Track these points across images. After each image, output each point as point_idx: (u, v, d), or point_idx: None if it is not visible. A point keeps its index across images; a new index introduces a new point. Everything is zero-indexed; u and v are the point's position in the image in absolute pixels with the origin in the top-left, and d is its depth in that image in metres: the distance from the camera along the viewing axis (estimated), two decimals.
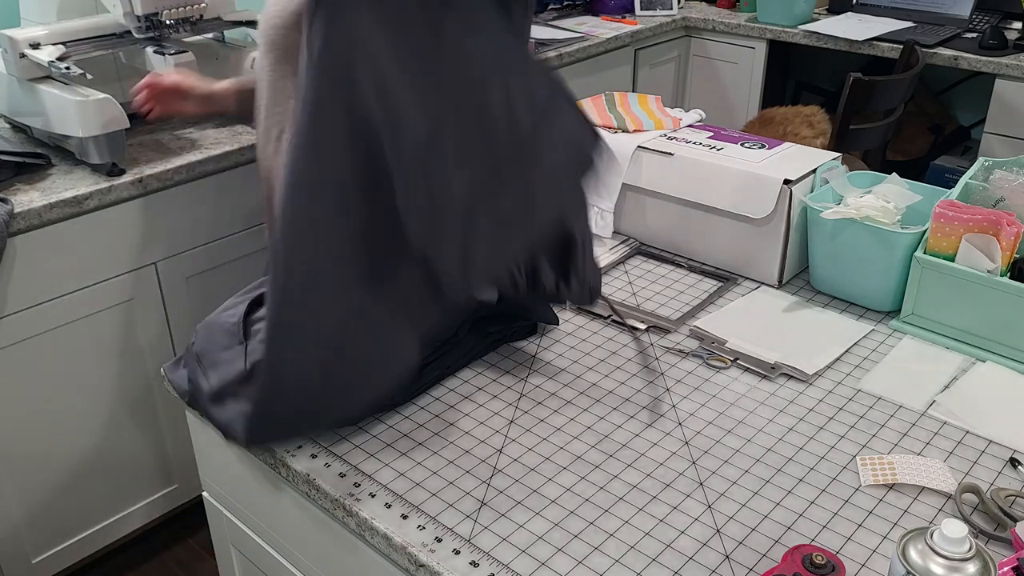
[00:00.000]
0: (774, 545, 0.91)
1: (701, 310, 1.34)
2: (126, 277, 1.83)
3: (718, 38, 3.12)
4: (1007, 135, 2.61)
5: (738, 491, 0.98)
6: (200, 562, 2.10)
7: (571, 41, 2.73)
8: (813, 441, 1.06)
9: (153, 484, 2.04)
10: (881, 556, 0.90)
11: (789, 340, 1.25)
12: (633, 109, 1.60)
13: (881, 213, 1.29)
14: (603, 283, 1.42)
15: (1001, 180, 1.33)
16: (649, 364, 1.20)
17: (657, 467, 1.02)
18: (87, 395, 1.86)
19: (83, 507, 1.93)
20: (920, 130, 3.22)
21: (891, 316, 1.31)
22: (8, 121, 1.95)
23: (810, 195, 1.35)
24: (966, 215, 1.20)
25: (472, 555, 0.90)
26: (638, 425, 1.09)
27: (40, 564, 1.88)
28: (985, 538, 0.91)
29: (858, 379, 1.18)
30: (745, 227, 1.39)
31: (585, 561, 0.89)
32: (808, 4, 2.98)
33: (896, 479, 0.99)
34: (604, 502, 0.97)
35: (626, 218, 1.53)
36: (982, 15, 2.89)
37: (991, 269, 1.18)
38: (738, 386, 1.17)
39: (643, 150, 1.47)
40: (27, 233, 1.66)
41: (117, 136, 1.73)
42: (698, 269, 1.46)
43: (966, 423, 1.09)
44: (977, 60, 2.59)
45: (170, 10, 1.84)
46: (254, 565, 1.27)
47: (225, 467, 1.20)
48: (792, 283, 1.41)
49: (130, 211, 1.79)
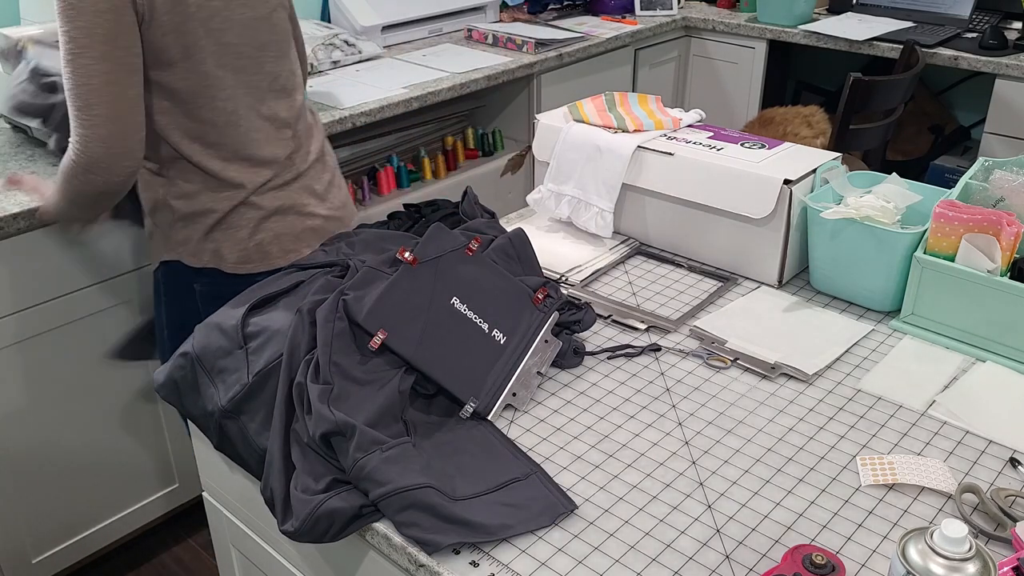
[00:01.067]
0: (774, 545, 0.91)
1: (701, 310, 1.34)
2: (126, 277, 1.83)
3: (718, 38, 3.12)
4: (1007, 135, 2.61)
5: (738, 491, 0.98)
6: (200, 562, 2.10)
7: (571, 41, 2.73)
8: (813, 441, 1.06)
9: (153, 484, 2.04)
10: (881, 556, 0.90)
11: (789, 340, 1.25)
12: (633, 109, 1.60)
13: (881, 213, 1.29)
14: (603, 283, 1.42)
15: (1001, 180, 1.33)
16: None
17: (657, 467, 1.02)
18: (87, 395, 1.86)
19: (83, 507, 1.93)
20: (920, 130, 3.22)
21: (891, 316, 1.31)
22: (8, 121, 1.94)
23: (810, 195, 1.35)
24: (966, 215, 1.20)
25: (472, 555, 0.90)
26: (638, 425, 1.09)
27: (40, 564, 1.88)
28: (985, 538, 0.91)
29: (858, 379, 1.18)
30: (745, 227, 1.39)
31: (585, 561, 0.89)
32: (808, 4, 2.98)
33: (896, 479, 0.99)
34: (604, 502, 0.97)
35: (626, 218, 1.53)
36: (982, 15, 2.89)
37: (991, 269, 1.18)
38: (738, 386, 1.17)
39: (643, 150, 1.47)
40: (27, 233, 1.66)
41: None
42: (698, 269, 1.46)
43: (966, 423, 1.09)
44: (977, 60, 2.59)
45: None
46: (254, 565, 1.27)
47: (225, 467, 1.21)
48: (792, 283, 1.41)
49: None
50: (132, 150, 1.33)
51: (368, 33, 2.61)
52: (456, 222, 1.31)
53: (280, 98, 1.51)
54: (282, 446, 0.99)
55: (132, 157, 1.33)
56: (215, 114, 1.41)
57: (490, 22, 2.95)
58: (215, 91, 1.40)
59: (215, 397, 1.07)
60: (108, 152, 1.30)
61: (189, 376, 1.11)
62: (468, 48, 2.71)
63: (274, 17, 1.48)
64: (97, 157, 1.30)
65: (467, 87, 2.38)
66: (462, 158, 2.62)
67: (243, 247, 1.49)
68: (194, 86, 1.38)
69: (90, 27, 1.24)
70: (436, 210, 1.35)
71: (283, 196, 1.52)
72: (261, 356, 1.06)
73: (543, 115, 1.62)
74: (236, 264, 1.49)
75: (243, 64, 1.43)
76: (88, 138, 1.29)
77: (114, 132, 1.29)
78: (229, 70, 1.41)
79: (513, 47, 2.68)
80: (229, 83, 1.42)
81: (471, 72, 2.43)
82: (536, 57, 2.59)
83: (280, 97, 1.51)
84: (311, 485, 0.95)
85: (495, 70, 2.46)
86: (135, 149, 1.33)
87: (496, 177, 2.62)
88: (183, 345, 1.13)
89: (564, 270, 1.44)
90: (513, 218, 1.64)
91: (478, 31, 2.78)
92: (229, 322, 1.10)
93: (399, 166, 2.40)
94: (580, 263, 1.46)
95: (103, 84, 1.27)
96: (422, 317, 1.08)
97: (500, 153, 2.68)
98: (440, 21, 2.85)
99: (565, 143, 1.55)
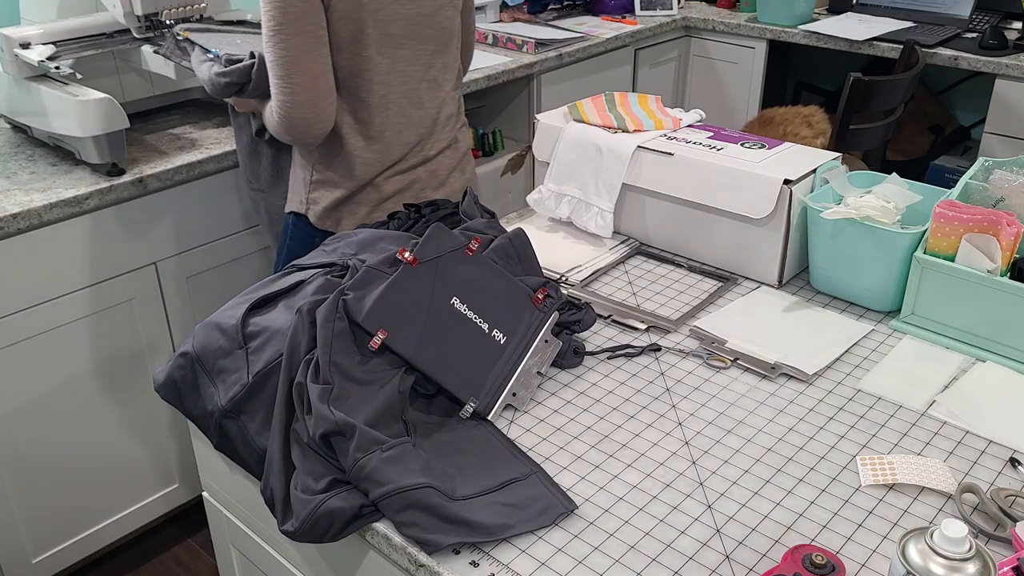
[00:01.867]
0: (774, 545, 0.91)
1: (701, 310, 1.34)
2: (126, 277, 1.83)
3: (718, 38, 3.12)
4: (1007, 135, 2.61)
5: (738, 491, 0.98)
6: (200, 562, 2.10)
7: (571, 41, 2.73)
8: (813, 441, 1.06)
9: (153, 484, 2.04)
10: (881, 556, 0.90)
11: (789, 340, 1.25)
12: (633, 109, 1.60)
13: (881, 213, 1.29)
14: (603, 283, 1.42)
15: (1001, 180, 1.33)
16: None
17: (657, 467, 1.02)
18: (87, 395, 1.86)
19: (83, 507, 1.93)
20: (920, 130, 3.22)
21: (891, 316, 1.31)
22: (8, 121, 1.94)
23: (810, 195, 1.35)
24: (966, 215, 1.20)
25: (472, 555, 0.90)
26: (638, 425, 1.09)
27: (40, 564, 1.88)
28: (985, 538, 0.91)
29: (858, 379, 1.18)
30: (745, 227, 1.39)
31: (585, 561, 0.89)
32: (808, 4, 2.98)
33: (896, 479, 0.99)
34: (604, 502, 0.97)
35: (626, 218, 1.53)
36: (982, 15, 2.89)
37: (991, 269, 1.18)
38: (738, 386, 1.17)
39: (643, 150, 1.47)
40: (27, 233, 1.66)
41: (117, 136, 1.73)
42: (698, 269, 1.46)
43: (966, 423, 1.09)
44: (977, 60, 2.59)
45: (170, 10, 1.84)
46: (254, 565, 1.27)
47: (225, 467, 1.21)
48: (792, 283, 1.41)
49: (130, 211, 1.79)
50: (326, 113, 1.49)
51: None
52: (456, 222, 1.31)
53: (431, 88, 1.62)
54: (282, 446, 1.00)
55: (325, 120, 1.50)
56: (370, 95, 1.54)
57: (490, 22, 2.95)
58: (373, 74, 1.53)
59: (215, 397, 1.07)
60: (304, 115, 1.47)
61: (189, 376, 1.11)
62: None
63: (440, 15, 1.59)
64: (295, 119, 1.47)
65: (467, 87, 2.38)
66: None
67: (360, 223, 1.60)
68: (356, 67, 1.51)
69: (285, 6, 1.41)
70: (436, 210, 1.35)
71: (406, 180, 1.63)
72: (261, 356, 1.06)
73: (543, 115, 1.62)
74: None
75: (401, 54, 1.55)
76: (288, 104, 1.46)
77: (310, 98, 1.46)
78: (387, 58, 1.53)
79: (513, 47, 2.68)
80: (385, 69, 1.54)
81: (471, 72, 2.43)
82: (536, 57, 2.59)
83: (431, 87, 1.62)
84: (311, 485, 0.95)
85: (495, 70, 2.46)
86: (328, 112, 1.50)
87: (496, 177, 2.62)
88: (183, 345, 1.13)
89: (564, 270, 1.44)
90: (513, 218, 1.64)
91: (478, 31, 2.78)
92: (229, 322, 1.10)
93: None
94: (580, 263, 1.46)
95: (300, 55, 1.44)
96: (422, 317, 1.08)
97: (500, 153, 2.68)
98: None
99: (565, 143, 1.55)
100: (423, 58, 1.59)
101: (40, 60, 1.71)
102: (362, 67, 1.52)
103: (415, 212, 1.35)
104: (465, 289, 1.12)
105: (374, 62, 1.52)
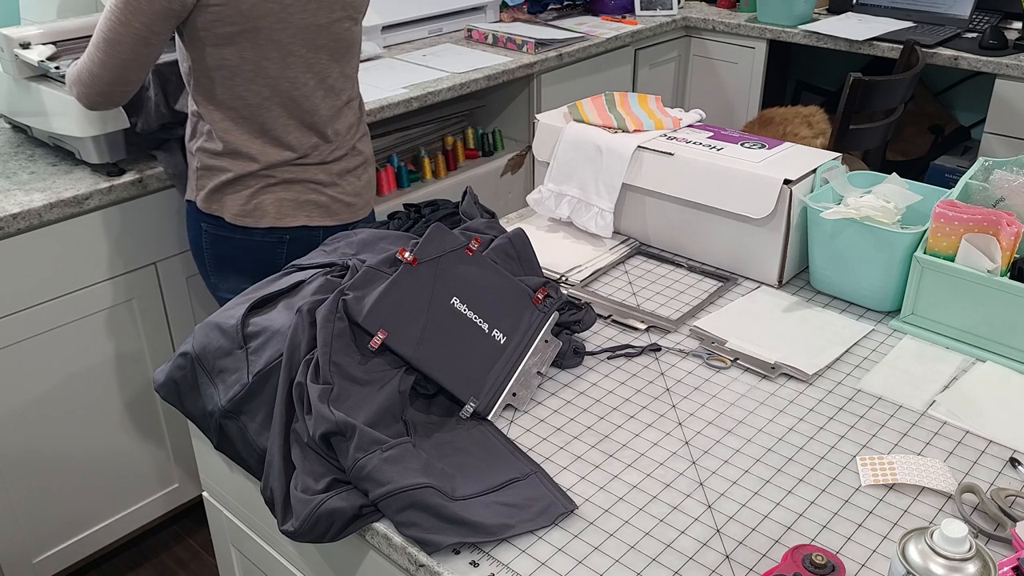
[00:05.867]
0: (774, 545, 0.91)
1: (701, 310, 1.34)
2: (126, 277, 1.83)
3: (718, 38, 3.12)
4: (1007, 135, 2.61)
5: (738, 491, 0.98)
6: (200, 562, 2.10)
7: (571, 41, 2.73)
8: (813, 441, 1.06)
9: (153, 484, 2.04)
10: (881, 556, 0.90)
11: (789, 340, 1.25)
12: (633, 109, 1.60)
13: (881, 213, 1.29)
14: (603, 283, 1.42)
15: (1001, 180, 1.33)
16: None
17: (657, 467, 1.02)
18: (87, 395, 1.86)
19: (83, 507, 1.93)
20: (920, 130, 3.22)
21: (891, 316, 1.31)
22: (8, 121, 1.94)
23: (810, 195, 1.35)
24: (966, 215, 1.20)
25: (472, 555, 0.90)
26: (638, 425, 1.09)
27: (40, 564, 1.88)
28: (985, 538, 0.91)
29: (858, 379, 1.18)
30: (745, 227, 1.39)
31: (585, 561, 0.89)
32: (808, 4, 2.98)
33: (896, 479, 0.99)
34: (604, 502, 0.97)
35: (626, 218, 1.53)
36: (982, 15, 2.89)
37: (991, 269, 1.18)
38: (738, 386, 1.17)
39: (643, 150, 1.47)
40: (27, 233, 1.66)
41: (117, 136, 1.74)
42: (698, 269, 1.46)
43: (966, 423, 1.09)
44: (977, 60, 2.59)
45: None
46: (254, 565, 1.27)
47: (225, 467, 1.21)
48: (792, 283, 1.41)
49: (130, 211, 1.79)
50: (117, 96, 1.55)
51: (368, 33, 2.61)
52: (456, 222, 1.31)
53: (326, 96, 1.62)
54: (282, 446, 1.00)
55: (117, 99, 1.56)
56: (249, 95, 1.55)
57: (490, 22, 2.95)
58: (254, 75, 1.54)
59: (215, 397, 1.07)
60: (101, 95, 1.54)
61: (189, 376, 1.11)
62: (468, 48, 2.71)
63: (335, 26, 1.59)
64: (96, 97, 1.54)
65: (467, 87, 2.38)
66: (462, 158, 2.62)
67: (243, 204, 1.61)
68: (236, 67, 1.52)
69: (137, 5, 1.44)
70: (436, 210, 1.35)
71: (297, 171, 1.63)
72: (261, 356, 1.06)
73: (543, 115, 1.62)
74: (235, 217, 1.62)
75: (292, 61, 1.55)
76: (96, 76, 1.51)
77: (116, 77, 1.51)
78: (276, 63, 1.54)
79: (513, 47, 2.68)
80: (273, 73, 1.54)
81: (471, 72, 2.43)
82: (536, 57, 2.59)
83: (327, 95, 1.62)
84: (311, 485, 0.95)
85: (495, 70, 2.46)
86: (117, 98, 1.56)
87: (496, 177, 2.62)
88: (183, 345, 1.13)
89: (564, 270, 1.44)
90: (513, 218, 1.64)
91: (478, 31, 2.78)
92: (229, 322, 1.10)
93: (399, 166, 2.40)
94: (580, 263, 1.46)
95: (123, 43, 1.47)
96: (422, 317, 1.08)
97: (500, 153, 2.68)
98: (440, 21, 2.85)
99: (565, 143, 1.55)
100: (317, 66, 1.59)
101: (40, 60, 1.71)
102: (242, 67, 1.52)
103: (415, 212, 1.36)
104: (465, 289, 1.12)
105: (258, 65, 1.53)
